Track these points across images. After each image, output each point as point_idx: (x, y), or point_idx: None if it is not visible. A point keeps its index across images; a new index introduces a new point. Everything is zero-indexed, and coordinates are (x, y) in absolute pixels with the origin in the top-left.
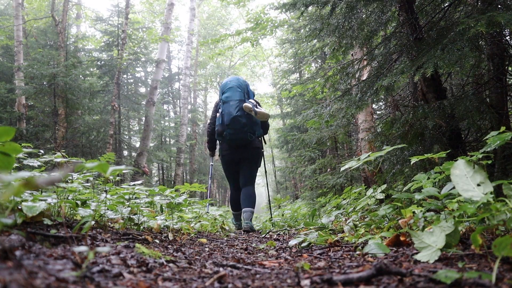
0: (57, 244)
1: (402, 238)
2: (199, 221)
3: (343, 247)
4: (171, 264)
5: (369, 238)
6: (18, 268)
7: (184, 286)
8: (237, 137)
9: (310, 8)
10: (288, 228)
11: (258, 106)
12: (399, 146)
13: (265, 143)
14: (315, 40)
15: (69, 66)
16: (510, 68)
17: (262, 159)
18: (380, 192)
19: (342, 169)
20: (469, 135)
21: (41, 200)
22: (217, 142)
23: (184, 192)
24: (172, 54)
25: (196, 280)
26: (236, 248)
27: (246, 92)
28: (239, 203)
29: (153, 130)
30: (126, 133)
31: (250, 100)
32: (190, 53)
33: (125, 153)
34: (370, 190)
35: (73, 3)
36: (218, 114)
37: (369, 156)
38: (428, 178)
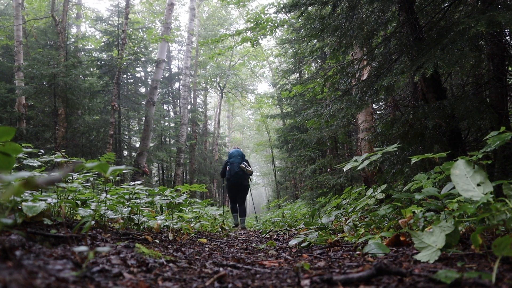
0: (57, 244)
1: (402, 238)
2: (199, 221)
3: (343, 247)
4: (171, 264)
5: (369, 238)
6: (18, 268)
7: (184, 286)
8: (237, 181)
9: (310, 8)
10: (288, 228)
11: (248, 167)
12: (394, 146)
13: (251, 181)
14: (315, 40)
15: (69, 66)
16: (510, 68)
17: (249, 189)
18: (380, 192)
19: (345, 169)
20: (469, 135)
21: (41, 200)
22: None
23: (184, 192)
24: (172, 54)
25: (196, 280)
26: (236, 248)
27: (242, 158)
28: (236, 209)
29: (153, 130)
30: (126, 133)
31: (244, 162)
32: (190, 53)
33: (125, 153)
34: (370, 190)
35: (73, 3)
36: (227, 169)
37: (367, 157)
38: (428, 178)
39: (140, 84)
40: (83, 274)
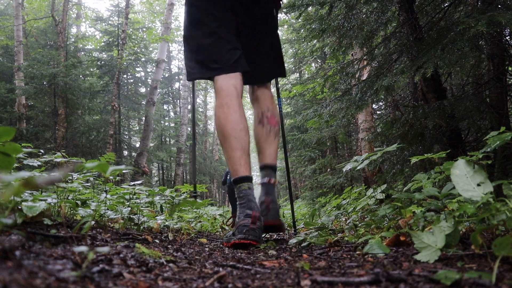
0: (57, 244)
1: (402, 238)
2: (199, 221)
3: (343, 247)
4: (171, 264)
5: (369, 238)
6: (18, 268)
7: (184, 286)
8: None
9: (310, 8)
10: (288, 228)
11: None
12: (394, 146)
13: None
14: (315, 40)
15: (69, 66)
16: (510, 68)
17: None
18: (380, 192)
19: (344, 169)
20: (469, 135)
21: (41, 200)
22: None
23: (184, 192)
24: (172, 54)
25: (196, 280)
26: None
27: None
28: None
29: (153, 130)
30: (126, 133)
31: None
32: None
33: (125, 153)
34: (370, 190)
35: (73, 3)
36: (228, 178)
37: (367, 157)
38: (428, 178)
39: (140, 84)
40: (83, 274)
